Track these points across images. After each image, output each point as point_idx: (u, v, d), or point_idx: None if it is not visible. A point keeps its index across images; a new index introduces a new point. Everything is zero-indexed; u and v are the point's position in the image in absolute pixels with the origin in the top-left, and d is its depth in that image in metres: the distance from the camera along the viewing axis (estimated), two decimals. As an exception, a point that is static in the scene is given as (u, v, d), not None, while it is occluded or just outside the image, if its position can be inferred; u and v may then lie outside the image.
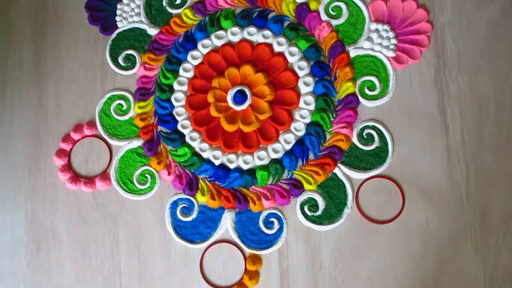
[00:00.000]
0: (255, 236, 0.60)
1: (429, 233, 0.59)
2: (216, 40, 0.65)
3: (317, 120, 0.62)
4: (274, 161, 0.61)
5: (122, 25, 0.67)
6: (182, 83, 0.64)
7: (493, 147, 0.60)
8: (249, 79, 0.63)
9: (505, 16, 0.64)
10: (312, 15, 0.65)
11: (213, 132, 0.63)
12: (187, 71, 0.65)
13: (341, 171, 0.61)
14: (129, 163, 0.63)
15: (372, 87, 0.63)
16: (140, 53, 0.66)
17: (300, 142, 0.62)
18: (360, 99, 0.63)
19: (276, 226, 0.60)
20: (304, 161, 0.61)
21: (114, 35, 0.67)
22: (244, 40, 0.65)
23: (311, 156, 0.61)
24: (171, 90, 0.64)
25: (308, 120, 0.62)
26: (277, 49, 0.64)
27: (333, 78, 0.63)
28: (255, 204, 0.60)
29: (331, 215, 0.60)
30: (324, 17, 0.65)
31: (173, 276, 0.60)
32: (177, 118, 0.63)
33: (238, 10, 0.66)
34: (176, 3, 0.67)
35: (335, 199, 0.60)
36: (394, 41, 0.64)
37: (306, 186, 0.60)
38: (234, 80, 0.64)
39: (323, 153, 0.61)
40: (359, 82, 0.63)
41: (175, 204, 0.61)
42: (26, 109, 0.65)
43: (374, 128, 0.62)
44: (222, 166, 0.62)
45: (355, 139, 0.62)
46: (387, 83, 0.63)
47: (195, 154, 0.62)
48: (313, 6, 0.65)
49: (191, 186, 0.61)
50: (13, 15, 0.68)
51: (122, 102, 0.64)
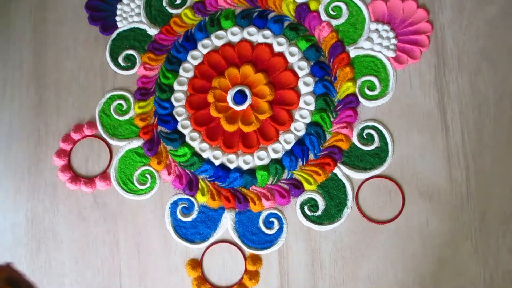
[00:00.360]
0: (255, 236, 0.60)
1: (429, 233, 0.59)
2: (216, 40, 0.65)
3: (317, 120, 0.62)
4: (274, 161, 0.61)
5: (122, 25, 0.67)
6: (182, 83, 0.64)
7: (493, 147, 0.60)
8: (249, 79, 0.63)
9: (505, 16, 0.64)
10: (312, 15, 0.65)
11: (213, 132, 0.63)
12: (187, 71, 0.65)
13: (341, 171, 0.61)
14: (129, 163, 0.63)
15: (372, 87, 0.63)
16: (140, 53, 0.66)
17: (300, 142, 0.62)
18: (360, 99, 0.63)
19: (276, 226, 0.60)
20: (304, 161, 0.61)
21: (114, 35, 0.67)
22: (244, 40, 0.65)
23: (311, 156, 0.61)
24: (171, 90, 0.64)
25: (308, 120, 0.62)
26: (277, 49, 0.64)
27: (333, 78, 0.63)
28: (255, 204, 0.60)
29: (331, 215, 0.60)
30: (324, 17, 0.65)
31: (173, 276, 0.59)
32: (177, 118, 0.63)
33: (238, 10, 0.66)
34: (176, 3, 0.67)
35: (335, 199, 0.60)
36: (394, 41, 0.64)
37: (306, 186, 0.60)
38: (234, 80, 0.64)
39: (323, 153, 0.61)
40: (359, 82, 0.63)
41: (175, 204, 0.61)
42: (26, 109, 0.65)
43: (374, 128, 0.62)
44: (222, 166, 0.62)
45: (355, 139, 0.62)
46: (387, 83, 0.63)
47: (195, 154, 0.62)
48: (313, 6, 0.65)
49: (191, 186, 0.61)
50: (13, 15, 0.68)
51: (122, 102, 0.64)
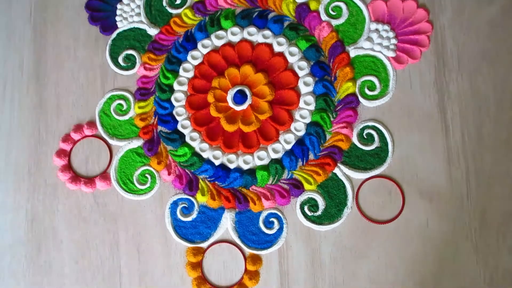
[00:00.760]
0: (255, 236, 0.60)
1: (429, 233, 0.59)
2: (216, 40, 0.65)
3: (317, 120, 0.62)
4: (274, 161, 0.61)
5: (122, 25, 0.67)
6: (182, 83, 0.64)
7: (493, 147, 0.60)
8: (249, 79, 0.63)
9: (505, 16, 0.64)
10: (312, 15, 0.65)
11: (213, 132, 0.63)
12: (187, 71, 0.65)
13: (341, 171, 0.61)
14: (129, 163, 0.63)
15: (372, 87, 0.63)
16: (140, 53, 0.66)
17: (300, 142, 0.62)
18: (360, 99, 0.63)
19: (276, 226, 0.60)
20: (304, 161, 0.61)
21: (114, 35, 0.67)
22: (244, 40, 0.65)
23: (311, 156, 0.61)
24: (171, 90, 0.64)
25: (308, 120, 0.62)
26: (277, 49, 0.64)
27: (333, 78, 0.63)
28: (255, 204, 0.60)
29: (331, 215, 0.60)
30: (324, 17, 0.65)
31: (173, 276, 0.59)
32: (177, 118, 0.63)
33: (238, 10, 0.66)
34: (176, 3, 0.67)
35: (335, 199, 0.60)
36: (394, 41, 0.64)
37: (306, 186, 0.60)
38: (234, 80, 0.64)
39: (323, 153, 0.61)
40: (359, 82, 0.63)
41: (175, 204, 0.61)
42: (26, 109, 0.65)
43: (374, 128, 0.62)
44: (222, 166, 0.62)
45: (355, 139, 0.62)
46: (387, 83, 0.63)
47: (195, 154, 0.62)
48: (313, 6, 0.65)
49: (191, 186, 0.61)
50: (13, 15, 0.68)
51: (122, 102, 0.64)
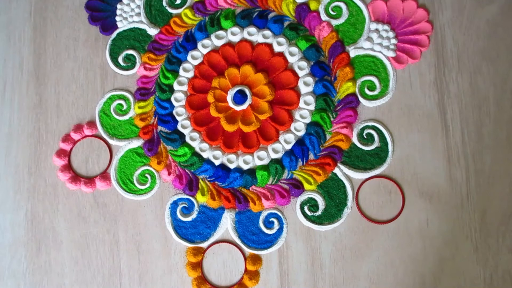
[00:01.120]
0: (255, 236, 0.60)
1: (429, 233, 0.59)
2: (216, 40, 0.65)
3: (317, 120, 0.62)
4: (274, 161, 0.61)
5: (122, 25, 0.67)
6: (182, 83, 0.64)
7: (493, 147, 0.60)
8: (249, 79, 0.63)
9: (505, 16, 0.64)
10: (312, 15, 0.65)
11: (213, 132, 0.63)
12: (187, 71, 0.65)
13: (341, 171, 0.61)
14: (129, 163, 0.63)
15: (372, 87, 0.63)
16: (140, 53, 0.66)
17: (300, 142, 0.62)
18: (360, 99, 0.63)
19: (276, 226, 0.60)
20: (304, 161, 0.61)
21: (114, 35, 0.67)
22: (244, 40, 0.65)
23: (311, 156, 0.61)
24: (171, 90, 0.64)
25: (308, 120, 0.62)
26: (277, 49, 0.64)
27: (333, 78, 0.63)
28: (255, 204, 0.60)
29: (331, 215, 0.60)
30: (324, 17, 0.65)
31: (173, 276, 0.60)
32: (177, 118, 0.63)
33: (238, 10, 0.66)
34: (176, 3, 0.67)
35: (335, 199, 0.60)
36: (394, 41, 0.64)
37: (306, 186, 0.60)
38: (234, 80, 0.64)
39: (323, 153, 0.61)
40: (359, 82, 0.63)
41: (175, 204, 0.61)
42: (26, 109, 0.65)
43: (374, 128, 0.62)
44: (222, 166, 0.62)
45: (355, 139, 0.62)
46: (387, 83, 0.63)
47: (195, 154, 0.62)
48: (313, 6, 0.65)
49: (191, 186, 0.61)
50: (13, 15, 0.68)
51: (122, 102, 0.64)
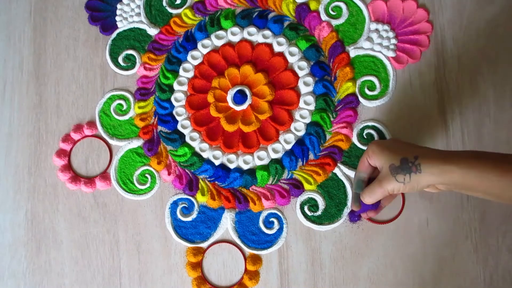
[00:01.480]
0: (255, 236, 0.60)
1: (429, 233, 0.59)
2: (216, 40, 0.65)
3: (317, 120, 0.62)
4: (274, 161, 0.61)
5: (122, 25, 0.67)
6: (182, 83, 0.64)
7: (493, 147, 0.60)
8: (249, 79, 0.63)
9: (505, 16, 0.64)
10: (312, 15, 0.65)
11: (213, 132, 0.63)
12: (187, 71, 0.65)
13: (341, 171, 0.61)
14: (129, 163, 0.63)
15: (372, 87, 0.63)
16: (140, 53, 0.66)
17: (300, 142, 0.62)
18: (360, 99, 0.63)
19: (276, 226, 0.60)
20: (304, 161, 0.61)
21: (114, 35, 0.67)
22: (244, 40, 0.65)
23: (311, 156, 0.61)
24: (171, 90, 0.64)
25: (308, 120, 0.62)
26: (277, 49, 0.64)
27: (333, 78, 0.63)
28: (255, 204, 0.60)
29: (331, 215, 0.60)
30: (324, 17, 0.65)
31: (173, 276, 0.59)
32: (177, 118, 0.63)
33: (238, 10, 0.66)
34: (176, 3, 0.67)
35: (335, 199, 0.60)
36: (394, 41, 0.64)
37: (306, 186, 0.60)
38: (234, 80, 0.64)
39: (323, 153, 0.61)
40: (359, 82, 0.63)
41: (175, 204, 0.61)
42: (26, 109, 0.65)
43: (374, 128, 0.62)
44: (222, 166, 0.62)
45: (355, 139, 0.62)
46: (387, 83, 0.63)
47: (195, 154, 0.62)
48: (313, 6, 0.65)
49: (191, 186, 0.61)
50: (13, 15, 0.68)
51: (122, 102, 0.64)
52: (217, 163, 0.62)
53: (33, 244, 0.61)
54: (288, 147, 0.61)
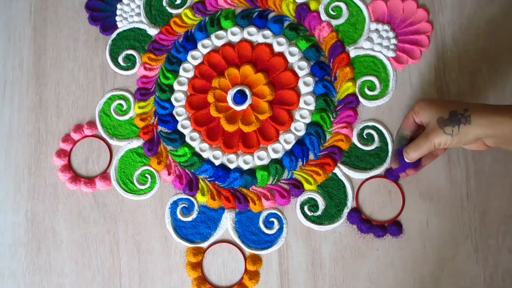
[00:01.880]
0: (255, 236, 0.60)
1: (429, 233, 0.59)
2: (216, 40, 0.65)
3: (317, 120, 0.62)
4: (274, 161, 0.61)
5: (122, 25, 0.67)
6: (182, 83, 0.64)
7: (493, 147, 0.60)
8: (249, 79, 0.63)
9: (505, 16, 0.64)
10: (312, 15, 0.65)
11: (213, 132, 0.63)
12: (187, 71, 0.65)
13: (341, 171, 0.61)
14: (129, 163, 0.63)
15: (372, 87, 0.63)
16: (140, 53, 0.66)
17: (300, 142, 0.62)
18: (360, 99, 0.63)
19: (276, 226, 0.60)
20: (304, 161, 0.61)
21: (114, 35, 0.67)
22: (244, 40, 0.65)
23: (311, 156, 0.61)
24: (171, 90, 0.64)
25: (308, 120, 0.62)
26: (277, 49, 0.64)
27: (333, 78, 0.63)
28: (255, 204, 0.60)
29: (331, 215, 0.60)
30: (324, 17, 0.65)
31: (173, 276, 0.59)
32: (177, 118, 0.63)
33: (238, 10, 0.66)
34: (176, 3, 0.67)
35: (335, 199, 0.60)
36: (394, 41, 0.64)
37: (306, 186, 0.60)
38: (234, 80, 0.64)
39: (323, 153, 0.61)
40: (359, 82, 0.63)
41: (175, 204, 0.61)
42: (26, 109, 0.65)
43: (374, 128, 0.62)
44: (222, 166, 0.62)
45: (355, 139, 0.62)
46: (387, 83, 0.63)
47: (195, 154, 0.62)
48: (313, 6, 0.65)
49: (191, 186, 0.61)
50: (13, 15, 0.68)
51: (122, 102, 0.64)
52: (217, 163, 0.62)
53: (33, 244, 0.61)
54: (288, 147, 0.61)
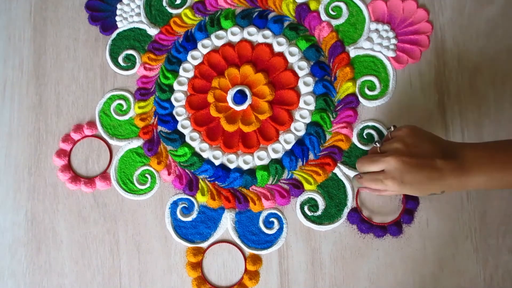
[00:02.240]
0: (255, 236, 0.60)
1: (429, 233, 0.59)
2: (216, 40, 0.65)
3: (317, 120, 0.62)
4: (274, 161, 0.61)
5: (122, 25, 0.67)
6: (182, 83, 0.64)
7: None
8: (249, 79, 0.63)
9: (505, 16, 0.64)
10: (312, 15, 0.65)
11: (213, 132, 0.63)
12: (187, 71, 0.65)
13: (341, 171, 0.61)
14: (129, 163, 0.63)
15: (372, 87, 0.63)
16: (140, 53, 0.66)
17: (300, 142, 0.62)
18: (360, 99, 0.63)
19: (276, 226, 0.60)
20: (304, 161, 0.61)
21: (114, 35, 0.67)
22: (244, 40, 0.65)
23: (311, 156, 0.61)
24: (171, 90, 0.64)
25: (308, 120, 0.62)
26: (277, 49, 0.64)
27: (333, 78, 0.63)
28: (255, 204, 0.60)
29: (331, 215, 0.60)
30: (324, 17, 0.65)
31: (173, 276, 0.59)
32: (177, 118, 0.63)
33: (238, 10, 0.66)
34: (176, 3, 0.67)
35: (335, 199, 0.60)
36: (394, 41, 0.64)
37: (306, 186, 0.60)
38: (234, 80, 0.64)
39: (323, 153, 0.61)
40: (359, 82, 0.63)
41: (175, 204, 0.61)
42: (26, 109, 0.65)
43: (374, 128, 0.62)
44: (222, 166, 0.62)
45: (355, 139, 0.62)
46: (387, 83, 0.63)
47: (195, 154, 0.62)
48: (313, 6, 0.65)
49: (191, 186, 0.61)
50: (13, 15, 0.68)
51: (122, 102, 0.64)
52: (217, 163, 0.62)
53: (33, 244, 0.61)
54: (288, 147, 0.61)
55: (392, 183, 0.49)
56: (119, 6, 0.67)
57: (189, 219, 0.60)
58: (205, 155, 0.62)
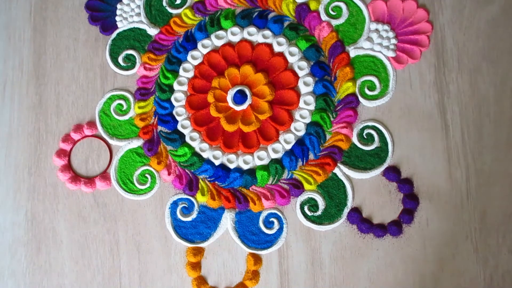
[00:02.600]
0: (255, 236, 0.60)
1: (429, 233, 0.59)
2: (216, 40, 0.65)
3: (317, 120, 0.62)
4: (274, 161, 0.61)
5: (122, 25, 0.67)
6: (182, 83, 0.64)
7: (493, 147, 0.60)
8: (249, 79, 0.63)
9: (505, 16, 0.64)
10: (312, 15, 0.65)
11: (213, 132, 0.63)
12: (187, 71, 0.65)
13: (341, 171, 0.61)
14: (129, 163, 0.63)
15: (372, 87, 0.63)
16: (140, 53, 0.66)
17: (300, 142, 0.62)
18: (360, 99, 0.63)
19: (276, 226, 0.60)
20: (304, 161, 0.61)
21: (114, 35, 0.67)
22: (244, 40, 0.65)
23: (311, 156, 0.61)
24: (171, 90, 0.64)
25: (308, 120, 0.62)
26: (277, 49, 0.64)
27: (333, 78, 0.63)
28: (255, 204, 0.60)
29: (331, 215, 0.60)
30: (324, 17, 0.65)
31: (173, 276, 0.60)
32: (177, 118, 0.63)
33: (238, 10, 0.66)
34: (176, 3, 0.67)
35: (335, 199, 0.60)
36: (394, 41, 0.64)
37: (306, 186, 0.60)
38: (234, 80, 0.64)
39: (323, 153, 0.61)
40: (359, 82, 0.63)
41: (175, 204, 0.61)
42: (26, 109, 0.65)
43: (374, 128, 0.62)
44: (222, 166, 0.62)
45: (355, 139, 0.62)
46: (387, 83, 0.63)
47: (195, 154, 0.62)
48: (313, 6, 0.65)
49: (191, 186, 0.61)
50: (13, 15, 0.68)
51: (122, 102, 0.64)
52: (217, 163, 0.62)
53: (33, 244, 0.61)
54: (288, 147, 0.61)
55: None
56: (119, 6, 0.67)
57: (189, 219, 0.61)
58: (205, 155, 0.62)
